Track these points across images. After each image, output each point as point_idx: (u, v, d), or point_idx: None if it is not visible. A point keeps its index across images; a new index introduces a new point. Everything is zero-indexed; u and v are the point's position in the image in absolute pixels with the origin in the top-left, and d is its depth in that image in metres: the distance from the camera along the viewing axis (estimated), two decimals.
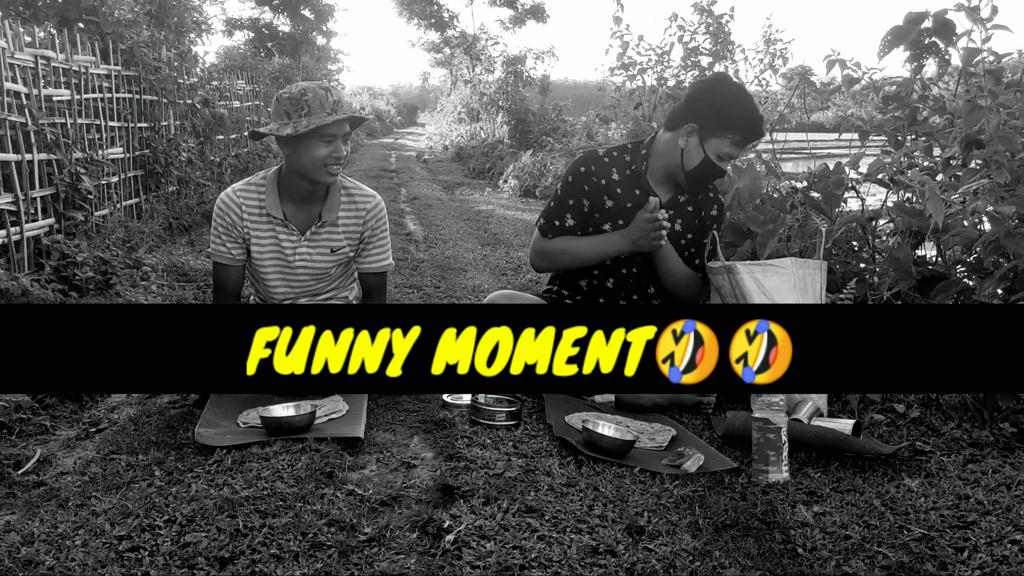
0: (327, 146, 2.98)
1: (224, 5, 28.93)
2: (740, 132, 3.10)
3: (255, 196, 3.14)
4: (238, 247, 3.16)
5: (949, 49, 3.80)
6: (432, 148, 22.02)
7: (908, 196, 3.76)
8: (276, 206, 3.12)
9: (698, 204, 3.33)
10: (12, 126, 4.72)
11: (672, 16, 6.93)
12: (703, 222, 3.33)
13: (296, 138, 2.96)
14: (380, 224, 3.24)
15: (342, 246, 3.19)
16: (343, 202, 3.18)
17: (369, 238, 3.23)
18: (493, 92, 18.78)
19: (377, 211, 3.24)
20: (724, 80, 3.27)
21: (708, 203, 3.34)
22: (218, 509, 2.08)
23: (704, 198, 3.34)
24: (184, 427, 2.73)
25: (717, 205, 3.36)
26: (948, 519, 2.15)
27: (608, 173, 3.26)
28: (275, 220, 3.13)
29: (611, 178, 3.25)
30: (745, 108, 3.11)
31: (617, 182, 3.25)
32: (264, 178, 3.17)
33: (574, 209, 3.27)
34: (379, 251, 3.26)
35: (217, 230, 3.16)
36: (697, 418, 2.99)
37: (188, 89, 8.39)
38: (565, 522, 2.08)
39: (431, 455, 2.56)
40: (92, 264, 4.92)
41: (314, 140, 2.97)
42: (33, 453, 2.56)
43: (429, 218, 8.79)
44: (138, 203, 6.94)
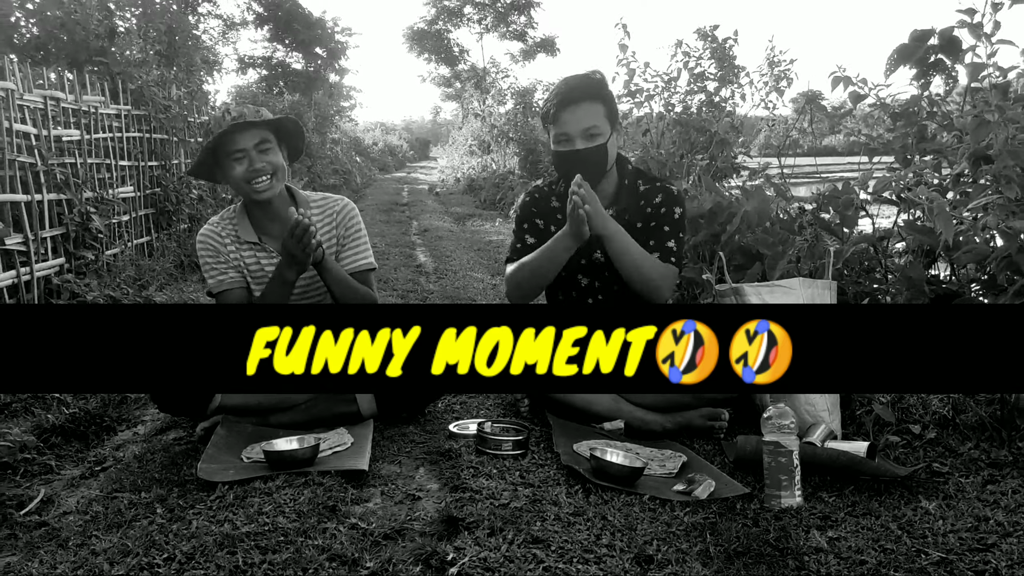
0: (239, 163, 2.96)
1: (236, 44, 29.23)
2: (548, 104, 3.13)
3: (230, 227, 3.17)
4: (234, 270, 3.15)
5: (956, 66, 3.77)
6: (444, 181, 22.14)
7: (919, 214, 3.71)
8: (249, 231, 3.14)
9: (640, 196, 3.23)
10: (22, 167, 4.76)
11: (677, 42, 6.95)
12: (654, 211, 3.20)
13: (218, 168, 3.01)
14: (353, 223, 3.24)
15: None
16: (314, 214, 3.17)
17: (344, 237, 3.22)
18: (503, 124, 18.91)
19: (347, 210, 3.25)
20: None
21: (652, 193, 3.22)
22: (218, 546, 2.05)
23: (647, 190, 3.23)
24: (188, 463, 2.70)
25: (663, 194, 3.21)
26: (967, 542, 2.08)
27: (548, 202, 3.29)
28: (253, 245, 3.14)
29: (551, 205, 3.28)
30: (552, 89, 3.17)
31: (557, 208, 3.26)
32: (234, 210, 3.20)
33: (531, 229, 3.26)
34: (357, 250, 3.24)
35: (207, 263, 3.15)
36: (708, 443, 2.94)
37: (199, 127, 8.47)
38: (572, 552, 2.03)
39: (436, 486, 2.51)
40: (102, 303, 4.93)
41: (225, 162, 2.98)
42: (36, 493, 2.54)
43: (439, 249, 8.79)
44: (149, 241, 6.97)
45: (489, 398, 3.46)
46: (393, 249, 8.63)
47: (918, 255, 3.64)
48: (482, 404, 3.40)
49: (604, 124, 3.07)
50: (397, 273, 6.99)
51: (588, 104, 3.05)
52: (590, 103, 3.05)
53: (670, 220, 3.18)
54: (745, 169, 6.32)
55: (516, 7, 33.19)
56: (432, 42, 34.30)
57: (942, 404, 2.96)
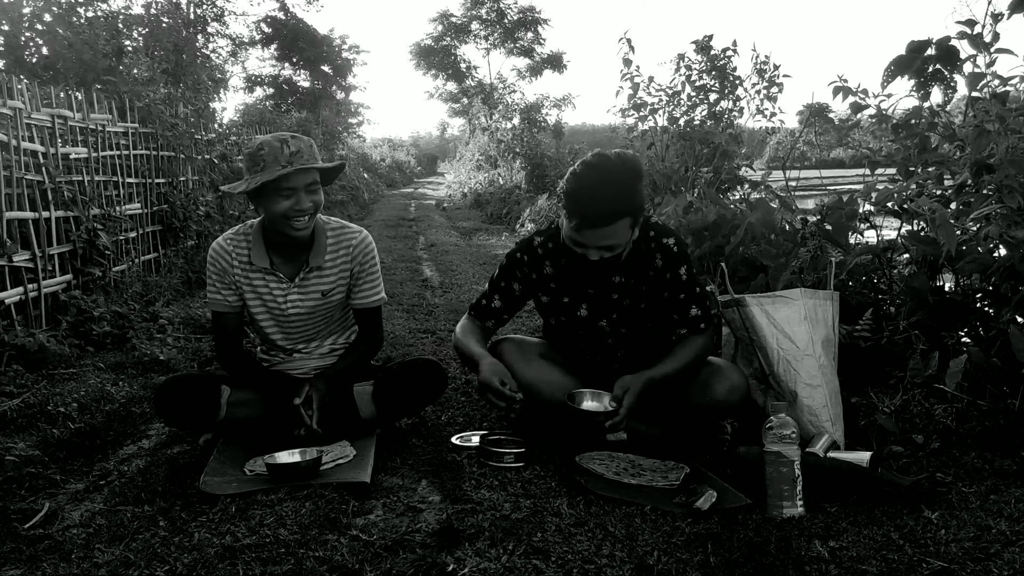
0: (286, 200, 2.91)
1: (245, 63, 29.42)
2: (570, 213, 2.75)
3: (244, 245, 3.13)
4: (232, 294, 3.15)
5: (955, 76, 3.77)
6: (451, 196, 22.20)
7: (922, 225, 3.71)
8: (262, 256, 3.10)
9: (640, 253, 2.96)
10: (30, 184, 4.80)
11: (679, 56, 6.97)
12: (657, 277, 2.97)
13: (258, 193, 2.93)
14: (368, 259, 3.21)
15: (333, 288, 3.16)
16: (329, 245, 3.14)
17: (359, 274, 3.19)
18: (510, 139, 18.97)
19: (364, 246, 3.20)
20: (587, 160, 2.80)
21: (650, 249, 2.96)
22: (219, 558, 2.06)
23: (643, 241, 2.95)
24: (192, 476, 2.71)
25: (660, 252, 2.95)
26: (969, 551, 2.08)
27: (541, 267, 3.08)
28: (264, 270, 3.12)
29: (543, 272, 3.08)
30: (575, 187, 2.73)
31: (549, 276, 3.08)
32: (251, 227, 3.15)
33: (504, 292, 3.15)
34: (370, 286, 3.23)
35: (211, 278, 3.16)
36: (711, 454, 2.93)
37: (206, 144, 8.53)
38: (572, 563, 2.03)
39: (438, 498, 2.52)
40: (109, 319, 4.96)
41: (272, 194, 2.91)
42: (41, 507, 2.55)
43: (445, 264, 8.81)
44: (156, 257, 7.00)
45: (492, 410, 3.46)
46: (400, 264, 8.65)
47: (922, 266, 3.64)
48: (484, 416, 3.40)
49: (627, 234, 2.79)
50: (403, 288, 7.00)
51: (613, 226, 2.72)
52: (616, 224, 2.72)
53: (679, 284, 2.95)
54: (749, 181, 6.32)
55: (523, 23, 33.39)
56: (439, 58, 34.50)
57: (945, 414, 2.95)
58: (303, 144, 2.93)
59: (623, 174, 2.71)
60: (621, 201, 2.69)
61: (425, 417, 3.33)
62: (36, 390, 3.77)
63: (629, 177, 2.72)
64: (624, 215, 2.71)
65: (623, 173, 2.72)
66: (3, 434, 3.21)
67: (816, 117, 6.00)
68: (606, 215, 2.69)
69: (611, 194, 2.67)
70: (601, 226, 2.71)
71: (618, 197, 2.68)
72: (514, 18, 33.44)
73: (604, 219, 2.69)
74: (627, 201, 2.70)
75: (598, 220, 2.70)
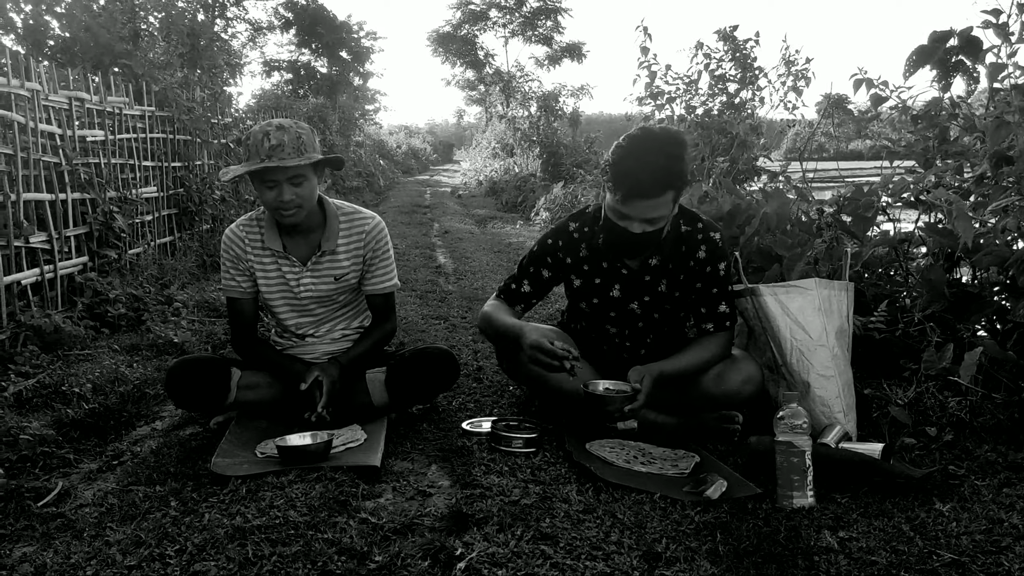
0: (270, 190, 2.92)
1: (264, 48, 29.47)
2: (616, 184, 2.77)
3: (256, 230, 3.14)
4: (246, 279, 3.16)
5: (977, 67, 3.73)
6: (467, 183, 22.19)
7: (940, 217, 3.68)
8: (275, 239, 3.11)
9: (682, 240, 3.01)
10: (47, 166, 4.82)
11: (698, 44, 6.93)
12: (698, 267, 3.02)
13: (251, 180, 2.98)
14: (382, 244, 3.21)
15: (346, 272, 3.17)
16: (342, 229, 3.15)
17: (372, 259, 3.20)
18: (527, 127, 18.93)
19: (377, 232, 3.20)
20: (632, 133, 2.83)
21: (694, 240, 3.01)
22: (229, 538, 2.07)
23: (688, 233, 3.01)
24: (204, 457, 2.72)
25: (706, 246, 3.00)
26: (980, 544, 2.06)
27: (576, 250, 3.10)
28: (276, 253, 3.13)
29: (578, 255, 3.10)
30: (621, 157, 2.76)
31: (583, 259, 3.10)
32: (263, 212, 3.15)
33: (533, 277, 3.17)
34: (383, 272, 3.24)
35: (225, 265, 3.17)
36: (722, 444, 2.92)
37: (222, 128, 8.54)
38: (580, 549, 2.03)
39: (448, 483, 2.52)
40: (124, 301, 4.99)
41: (258, 184, 2.94)
42: (54, 486, 2.57)
43: (459, 251, 8.80)
44: (172, 240, 7.03)
45: (503, 396, 3.47)
46: (414, 250, 8.66)
47: (939, 258, 3.61)
48: (496, 402, 3.40)
49: (670, 208, 2.83)
50: (417, 274, 7.01)
51: (659, 198, 2.76)
52: (662, 196, 2.76)
53: (716, 279, 3.01)
54: (766, 172, 6.28)
55: (543, 12, 33.21)
56: (457, 45, 34.38)
57: (959, 407, 2.92)
58: (287, 137, 2.89)
59: (670, 147, 2.75)
60: (667, 173, 2.72)
61: (436, 403, 3.34)
62: (51, 370, 3.80)
63: (676, 148, 2.76)
64: (670, 188, 2.75)
65: (670, 146, 2.75)
66: (18, 413, 3.23)
67: (835, 108, 5.96)
68: (653, 186, 2.72)
69: (658, 166, 2.71)
70: (648, 197, 2.74)
71: (664, 169, 2.71)
72: (533, 6, 33.25)
73: (651, 190, 2.73)
74: (673, 174, 2.74)
75: (645, 191, 2.73)
